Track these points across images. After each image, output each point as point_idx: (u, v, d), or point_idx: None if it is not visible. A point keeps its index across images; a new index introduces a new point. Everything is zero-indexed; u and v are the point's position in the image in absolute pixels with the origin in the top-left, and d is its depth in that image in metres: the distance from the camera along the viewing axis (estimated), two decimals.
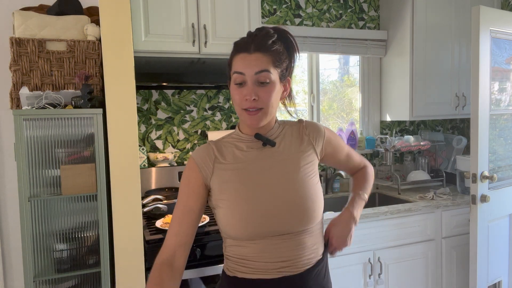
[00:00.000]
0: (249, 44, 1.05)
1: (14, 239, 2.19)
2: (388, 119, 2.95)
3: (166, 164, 2.41)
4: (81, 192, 1.74)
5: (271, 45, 1.05)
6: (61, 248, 1.80)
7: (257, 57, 1.04)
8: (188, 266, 1.80)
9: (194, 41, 2.13)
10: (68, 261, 1.81)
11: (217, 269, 1.83)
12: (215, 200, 1.09)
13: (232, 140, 1.15)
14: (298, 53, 1.13)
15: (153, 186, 2.35)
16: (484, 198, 2.20)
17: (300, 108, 2.92)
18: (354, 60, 3.06)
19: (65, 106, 1.76)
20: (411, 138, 2.84)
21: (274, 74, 1.05)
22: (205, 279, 1.84)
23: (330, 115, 3.02)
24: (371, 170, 1.38)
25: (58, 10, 1.90)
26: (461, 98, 2.83)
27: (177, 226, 1.08)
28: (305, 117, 2.91)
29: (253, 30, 1.10)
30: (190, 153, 2.55)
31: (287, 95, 1.16)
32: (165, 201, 2.11)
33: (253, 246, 1.06)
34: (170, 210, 2.09)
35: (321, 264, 1.13)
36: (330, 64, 3.02)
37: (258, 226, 1.03)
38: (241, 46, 1.07)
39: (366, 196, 1.30)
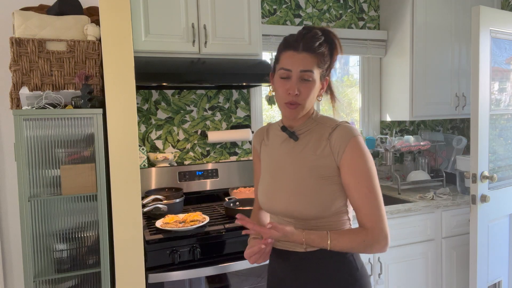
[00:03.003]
0: (298, 42, 1.15)
1: (14, 239, 2.19)
2: (388, 119, 2.95)
3: (166, 164, 2.41)
4: (81, 192, 1.74)
5: (318, 47, 1.14)
6: (61, 248, 1.81)
7: (304, 57, 1.14)
8: (188, 266, 1.80)
9: (194, 41, 2.13)
10: (68, 261, 1.81)
11: (217, 269, 1.83)
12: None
13: (275, 126, 1.33)
14: (342, 53, 1.21)
15: (153, 186, 2.35)
16: (484, 198, 2.20)
17: None
18: (354, 60, 3.06)
19: (65, 106, 1.76)
20: (411, 138, 2.84)
21: (316, 74, 1.16)
22: (206, 279, 1.84)
23: (331, 116, 3.02)
24: (370, 237, 1.11)
25: (58, 10, 1.90)
26: (461, 98, 2.83)
27: (256, 190, 1.41)
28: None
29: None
30: (190, 153, 2.55)
31: (326, 91, 1.26)
32: (165, 201, 2.11)
33: (272, 218, 1.31)
34: (170, 210, 2.09)
35: (318, 255, 1.19)
36: None
37: (267, 202, 1.25)
38: (290, 44, 1.16)
39: (329, 242, 1.11)
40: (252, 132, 2.58)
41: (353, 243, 1.11)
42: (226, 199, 2.25)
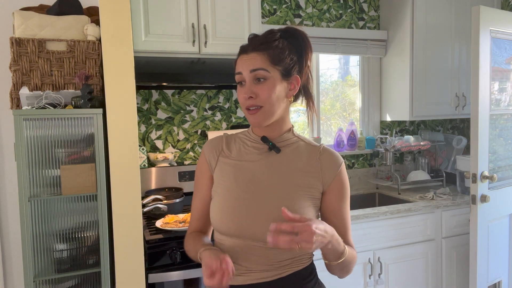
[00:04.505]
0: (248, 46, 1.08)
1: (14, 239, 2.19)
2: (388, 119, 2.95)
3: (166, 164, 2.41)
4: (81, 192, 1.74)
5: (270, 43, 1.05)
6: (61, 248, 1.81)
7: (253, 57, 1.05)
8: (188, 266, 1.80)
9: (194, 41, 2.13)
10: (68, 261, 1.81)
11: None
12: (212, 192, 1.14)
13: (243, 137, 1.17)
14: (311, 50, 1.10)
15: (153, 186, 2.35)
16: (484, 198, 2.20)
17: (300, 108, 2.92)
18: (354, 60, 3.06)
19: (65, 106, 1.76)
20: (411, 138, 2.84)
21: (273, 72, 1.05)
22: (189, 282, 1.83)
23: (332, 115, 3.02)
24: (355, 256, 1.12)
25: (58, 10, 1.90)
26: (461, 98, 2.83)
27: (195, 212, 1.19)
28: (305, 116, 2.91)
29: (253, 30, 1.15)
30: (190, 153, 2.55)
31: (301, 93, 1.15)
32: (165, 201, 2.11)
33: (229, 244, 1.08)
34: (170, 210, 2.09)
35: (298, 277, 1.08)
36: (330, 64, 3.02)
37: (235, 224, 1.05)
38: (242, 49, 1.10)
39: (346, 251, 1.04)
40: None
41: (353, 258, 1.09)
42: None
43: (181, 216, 2.00)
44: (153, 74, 2.01)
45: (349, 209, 1.14)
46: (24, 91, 1.70)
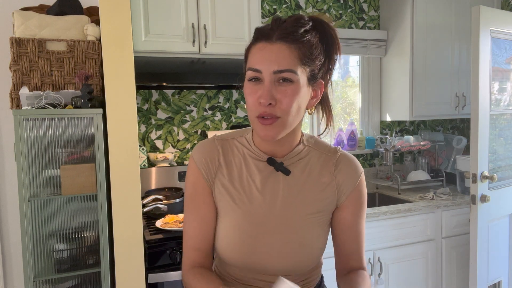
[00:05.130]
0: (272, 31, 0.80)
1: (14, 239, 2.19)
2: (388, 119, 2.95)
3: (166, 164, 2.41)
4: (81, 192, 1.74)
5: (302, 35, 0.80)
6: (61, 248, 1.80)
7: (279, 49, 0.79)
8: (172, 269, 1.79)
9: (194, 41, 2.12)
10: (68, 261, 1.81)
11: None
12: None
13: (242, 147, 0.95)
14: (339, 52, 0.88)
15: (153, 186, 2.35)
16: (484, 198, 2.19)
17: None
18: (354, 60, 3.06)
19: (65, 106, 1.76)
20: (411, 138, 2.84)
21: (301, 74, 0.81)
22: None
23: (334, 116, 3.02)
24: (369, 281, 0.97)
25: (58, 10, 1.90)
26: (461, 98, 2.83)
27: (194, 239, 0.95)
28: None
29: (253, 30, 0.92)
30: (190, 153, 2.55)
31: (319, 103, 0.94)
32: (165, 201, 2.11)
33: (235, 272, 0.95)
34: (170, 210, 2.09)
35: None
36: None
37: (243, 257, 0.91)
38: (262, 33, 0.82)
39: None
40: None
41: None
42: None
43: (181, 216, 2.00)
44: (153, 74, 2.01)
45: (364, 225, 0.99)
46: (24, 91, 1.70)
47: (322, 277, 1.07)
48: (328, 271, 1.15)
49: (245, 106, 0.97)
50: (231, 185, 0.93)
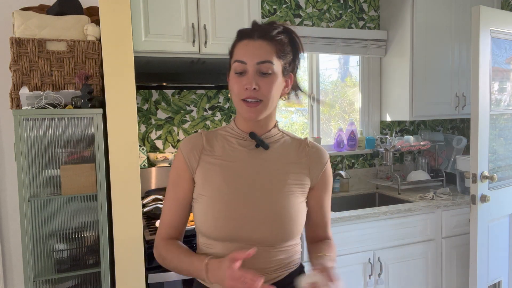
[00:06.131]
0: (253, 31, 1.02)
1: (14, 239, 2.19)
2: (388, 119, 2.95)
3: (166, 164, 2.41)
4: (81, 192, 1.74)
5: (276, 35, 1.01)
6: (61, 248, 1.81)
7: (260, 45, 0.99)
8: None
9: (194, 41, 2.13)
10: (68, 261, 1.81)
11: None
12: (196, 194, 1.07)
13: (225, 134, 1.10)
14: (303, 52, 1.09)
15: (153, 186, 2.35)
16: (484, 198, 2.20)
17: (300, 108, 2.92)
18: (354, 60, 3.06)
19: (65, 106, 1.76)
20: (411, 138, 2.84)
21: (277, 66, 1.01)
22: (188, 282, 1.83)
23: (332, 116, 3.02)
24: (334, 247, 1.16)
25: (58, 10, 1.90)
26: (461, 98, 2.83)
27: (169, 217, 1.10)
28: (305, 117, 2.91)
29: None
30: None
31: (293, 90, 1.12)
32: None
33: (220, 247, 1.02)
34: None
35: (292, 278, 1.06)
36: (330, 64, 3.02)
37: (229, 228, 1.00)
38: (245, 33, 1.03)
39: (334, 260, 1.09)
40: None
41: (335, 255, 1.12)
42: None
43: None
44: (153, 74, 2.01)
45: (329, 201, 1.17)
46: (24, 91, 1.70)
47: (303, 266, 1.16)
48: None
49: (284, 98, 1.12)
50: (216, 159, 1.06)
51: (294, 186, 1.06)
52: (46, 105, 1.70)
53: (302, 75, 2.90)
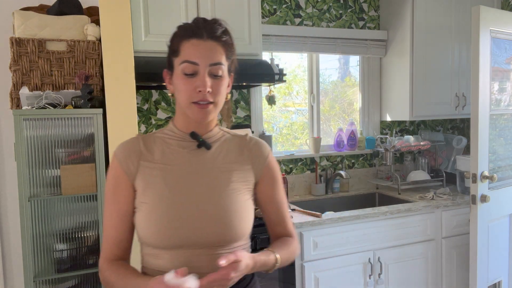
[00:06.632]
0: (200, 29, 0.96)
1: (14, 239, 2.19)
2: (388, 119, 2.95)
3: None
4: (81, 192, 1.74)
5: (222, 35, 0.98)
6: (61, 248, 1.81)
7: (212, 46, 0.96)
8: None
9: None
10: (68, 261, 1.81)
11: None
12: (138, 203, 1.00)
13: (164, 136, 1.04)
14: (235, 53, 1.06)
15: None
16: (484, 198, 2.20)
17: (300, 108, 2.92)
18: (354, 60, 3.06)
19: (65, 106, 1.76)
20: (411, 138, 2.84)
21: (225, 67, 0.99)
22: None
23: (332, 116, 3.02)
24: (297, 244, 1.13)
25: (58, 10, 1.90)
26: (461, 98, 2.83)
27: (114, 233, 1.01)
28: (305, 117, 2.91)
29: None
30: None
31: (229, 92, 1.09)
32: None
33: (168, 257, 0.97)
34: None
35: (245, 283, 1.04)
36: (330, 64, 3.02)
37: (175, 234, 0.95)
38: (191, 31, 0.97)
39: (279, 261, 1.03)
40: (253, 132, 2.58)
41: (291, 254, 1.09)
42: None
43: None
44: (153, 74, 2.01)
45: (284, 196, 1.13)
46: (24, 91, 1.70)
47: (254, 276, 1.11)
48: None
49: (227, 99, 1.06)
50: (155, 163, 1.00)
51: (239, 184, 1.03)
52: (46, 105, 1.70)
53: (302, 75, 2.90)
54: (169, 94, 1.03)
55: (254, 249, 1.90)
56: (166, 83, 1.03)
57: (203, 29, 0.96)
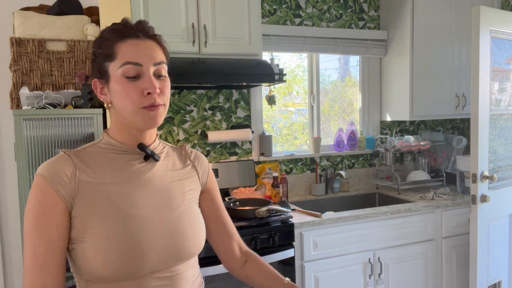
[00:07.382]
0: (133, 30, 0.89)
1: (14, 239, 2.19)
2: (388, 119, 2.95)
3: None
4: None
5: (156, 34, 0.94)
6: None
7: (151, 45, 0.90)
8: None
9: (194, 41, 2.13)
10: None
11: (218, 269, 1.84)
12: (79, 231, 0.83)
13: (99, 150, 0.91)
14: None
15: None
16: (484, 198, 2.20)
17: (300, 108, 2.92)
18: (354, 60, 3.06)
19: (65, 106, 1.77)
20: (411, 138, 2.84)
21: (167, 67, 0.93)
22: (205, 279, 1.84)
23: (332, 116, 3.02)
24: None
25: (58, 10, 1.90)
26: (461, 98, 2.83)
27: (43, 276, 0.80)
28: (305, 117, 2.91)
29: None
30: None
31: None
32: None
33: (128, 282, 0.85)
34: None
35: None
36: (330, 64, 3.02)
37: (131, 260, 0.83)
38: (123, 32, 0.88)
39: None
40: (252, 132, 2.58)
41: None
42: (226, 199, 2.25)
43: None
44: None
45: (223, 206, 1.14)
46: (24, 91, 1.70)
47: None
48: None
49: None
50: (98, 181, 0.87)
51: (192, 192, 1.00)
52: (46, 105, 1.70)
53: (302, 75, 2.90)
54: (106, 106, 0.92)
55: (254, 249, 1.90)
56: (98, 94, 0.91)
57: (137, 29, 0.89)
